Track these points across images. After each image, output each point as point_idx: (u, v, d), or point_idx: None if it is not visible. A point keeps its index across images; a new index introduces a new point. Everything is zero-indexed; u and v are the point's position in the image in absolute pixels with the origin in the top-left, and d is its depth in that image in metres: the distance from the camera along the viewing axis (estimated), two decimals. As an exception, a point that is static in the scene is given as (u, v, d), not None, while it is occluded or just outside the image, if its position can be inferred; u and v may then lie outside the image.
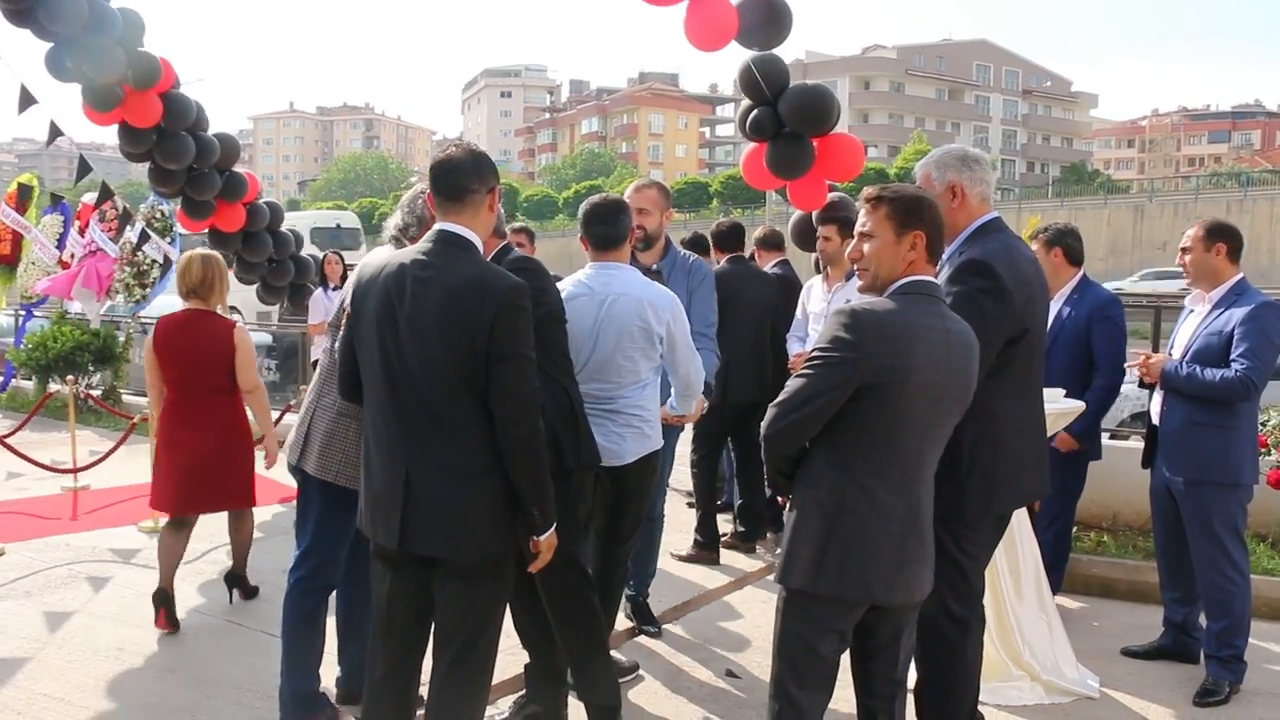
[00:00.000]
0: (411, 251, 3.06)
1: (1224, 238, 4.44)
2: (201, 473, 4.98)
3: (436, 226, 3.08)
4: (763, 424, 2.89)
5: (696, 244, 7.13)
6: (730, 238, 6.59)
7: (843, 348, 2.74)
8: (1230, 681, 4.33)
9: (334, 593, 3.99)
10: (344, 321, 3.27)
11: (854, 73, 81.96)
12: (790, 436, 2.85)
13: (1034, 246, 4.98)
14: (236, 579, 5.51)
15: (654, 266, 4.63)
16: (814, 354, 2.82)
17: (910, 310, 2.83)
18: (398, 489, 2.96)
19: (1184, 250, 4.53)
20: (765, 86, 6.36)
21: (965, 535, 3.39)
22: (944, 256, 3.48)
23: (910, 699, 3.29)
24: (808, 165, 6.49)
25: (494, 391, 2.90)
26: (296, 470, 3.83)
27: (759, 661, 4.77)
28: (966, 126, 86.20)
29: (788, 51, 6.67)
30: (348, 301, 3.25)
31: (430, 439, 2.93)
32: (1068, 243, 5.20)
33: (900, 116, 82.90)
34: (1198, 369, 4.31)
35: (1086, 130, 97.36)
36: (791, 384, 2.85)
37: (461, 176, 3.07)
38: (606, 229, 4.11)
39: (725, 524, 6.70)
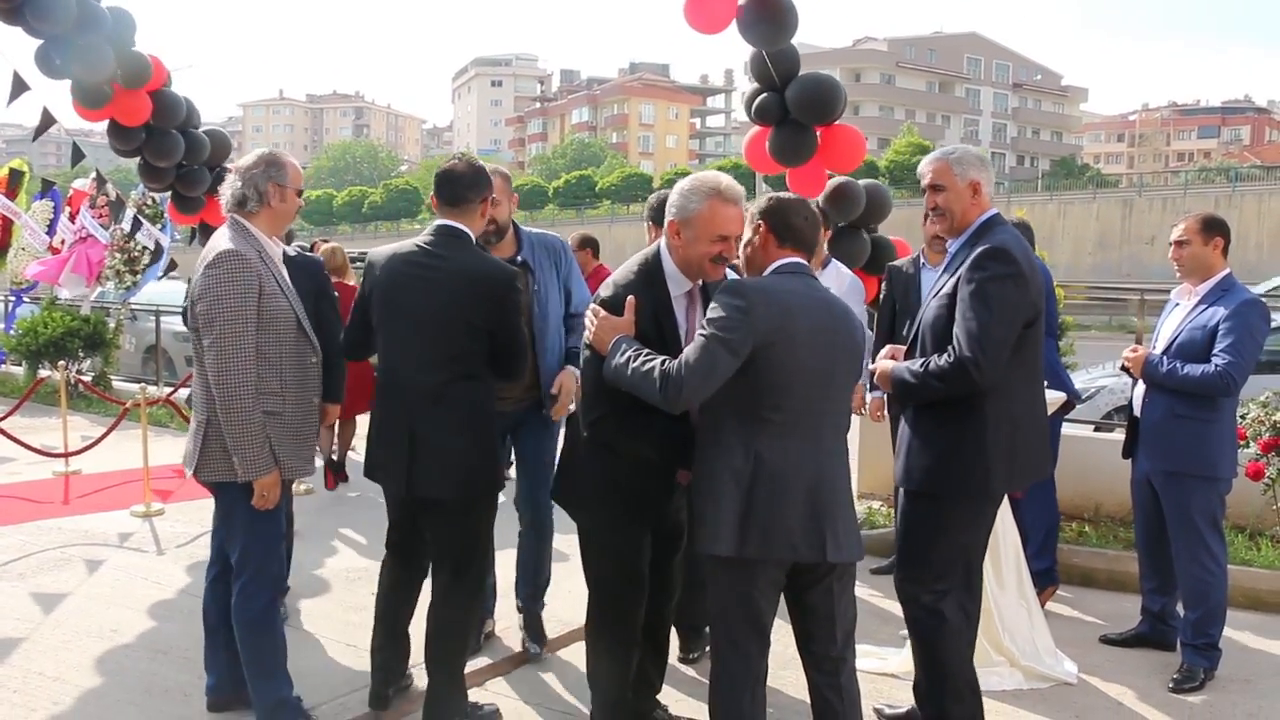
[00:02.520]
0: (416, 242, 3.79)
1: (1220, 231, 4.52)
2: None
3: (438, 221, 3.79)
4: (661, 387, 2.95)
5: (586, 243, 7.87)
6: None
7: (736, 313, 2.92)
8: (1205, 668, 4.43)
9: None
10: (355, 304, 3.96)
11: (844, 65, 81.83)
12: (690, 399, 2.96)
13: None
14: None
15: (518, 259, 4.39)
16: (707, 326, 2.97)
17: (788, 281, 3.09)
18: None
19: (1180, 244, 4.57)
20: (775, 73, 6.41)
21: (974, 512, 3.56)
22: (952, 249, 3.63)
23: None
24: (810, 154, 6.55)
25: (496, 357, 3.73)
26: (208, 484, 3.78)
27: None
28: (957, 119, 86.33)
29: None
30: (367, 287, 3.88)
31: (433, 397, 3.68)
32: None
33: (891, 109, 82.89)
34: (1179, 364, 4.39)
35: (1076, 124, 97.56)
36: (691, 352, 2.96)
37: (462, 188, 3.77)
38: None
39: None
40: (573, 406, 4.19)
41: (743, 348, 2.92)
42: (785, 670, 4.59)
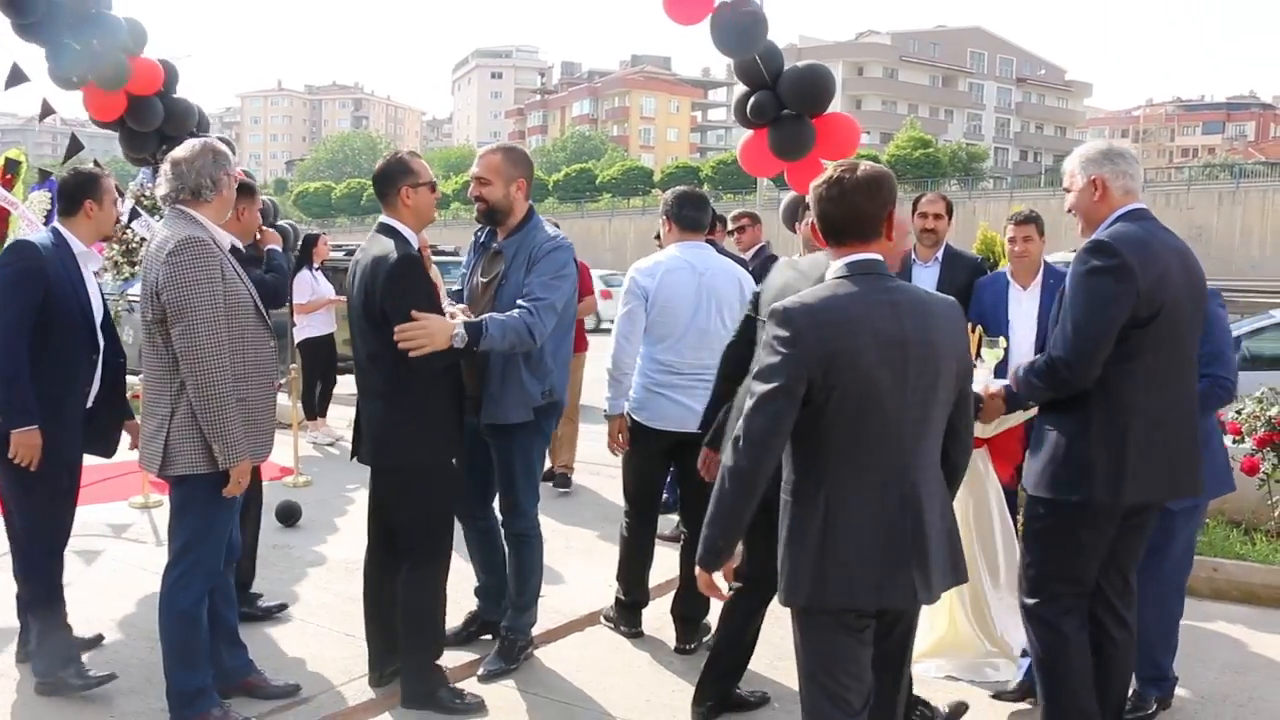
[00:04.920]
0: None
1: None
2: None
3: (379, 218, 4.07)
4: (725, 458, 2.74)
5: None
6: None
7: (781, 346, 2.64)
8: (1156, 697, 4.12)
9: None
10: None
11: (847, 58, 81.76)
12: (766, 469, 2.68)
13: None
14: None
15: (494, 246, 4.34)
16: (754, 369, 2.77)
17: (843, 293, 2.71)
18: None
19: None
20: (765, 70, 6.45)
21: (1081, 525, 3.35)
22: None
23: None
24: (810, 144, 6.58)
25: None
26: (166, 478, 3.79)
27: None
28: (960, 114, 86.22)
29: (781, 37, 6.80)
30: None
31: (369, 375, 4.01)
32: None
33: (894, 103, 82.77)
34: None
35: (1080, 119, 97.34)
36: (747, 411, 2.69)
37: (380, 184, 4.03)
38: (697, 213, 4.74)
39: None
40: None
41: (798, 385, 2.62)
42: (782, 661, 4.62)
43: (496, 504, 4.61)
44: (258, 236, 5.23)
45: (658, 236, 5.20)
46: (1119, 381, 3.25)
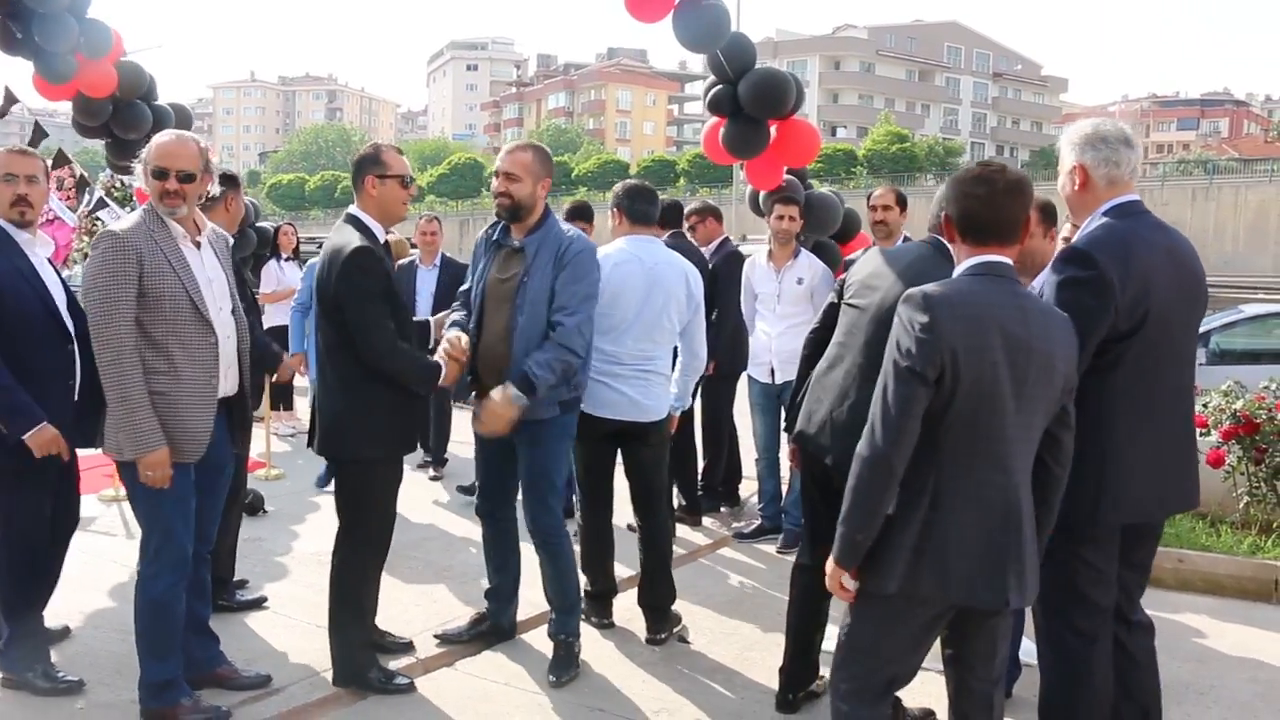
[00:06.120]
0: None
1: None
2: None
3: (347, 209, 4.11)
4: (860, 448, 2.70)
5: (579, 213, 6.72)
6: (668, 215, 6.49)
7: (923, 332, 2.61)
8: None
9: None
10: None
11: (824, 52, 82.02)
12: (903, 454, 2.65)
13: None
14: None
15: (516, 243, 4.26)
16: (891, 355, 2.69)
17: (977, 289, 2.71)
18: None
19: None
20: (729, 68, 6.46)
21: (1081, 544, 3.18)
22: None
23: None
24: (761, 147, 6.66)
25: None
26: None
27: (709, 628, 4.96)
28: (936, 109, 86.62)
29: (758, 31, 6.88)
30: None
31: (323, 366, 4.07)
32: None
33: (870, 97, 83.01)
34: None
35: (1056, 115, 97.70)
36: (880, 394, 2.68)
37: (353, 172, 4.10)
38: (649, 207, 4.78)
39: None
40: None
41: (932, 371, 2.60)
42: (752, 651, 4.67)
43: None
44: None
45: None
46: (1099, 396, 3.07)
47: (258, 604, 5.12)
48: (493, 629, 4.71)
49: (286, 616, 4.99)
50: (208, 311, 3.75)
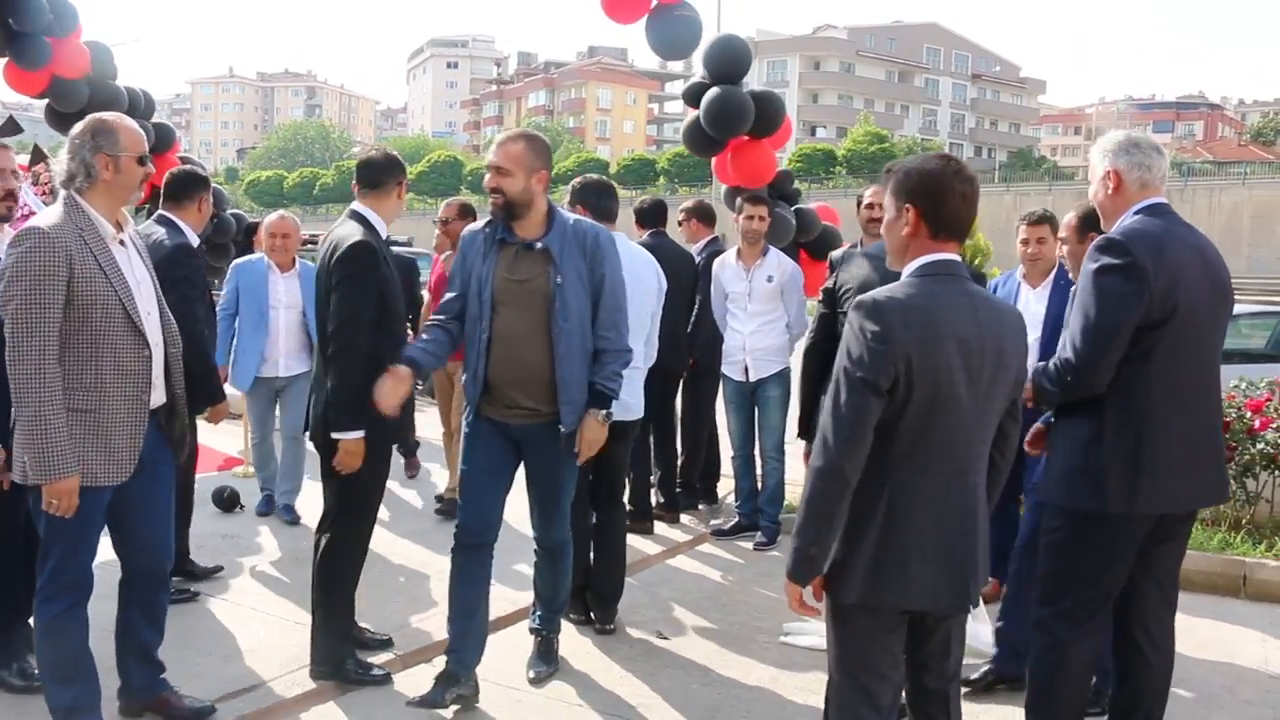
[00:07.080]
0: None
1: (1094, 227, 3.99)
2: None
3: (350, 206, 4.18)
4: (813, 459, 2.66)
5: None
6: (652, 214, 6.51)
7: (874, 342, 2.56)
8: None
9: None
10: None
11: (804, 52, 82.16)
12: (856, 464, 2.59)
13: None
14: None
15: (537, 245, 3.91)
16: (842, 363, 2.64)
17: (930, 291, 2.65)
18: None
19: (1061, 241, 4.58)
20: (718, 75, 6.91)
21: (1101, 534, 3.18)
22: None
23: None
24: (718, 151, 7.14)
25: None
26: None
27: (687, 624, 5.00)
28: (916, 109, 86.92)
29: (738, 31, 7.22)
30: None
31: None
32: None
33: (850, 98, 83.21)
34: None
35: (1034, 116, 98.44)
36: (830, 406, 2.62)
37: (378, 172, 4.16)
38: (612, 202, 4.79)
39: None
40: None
41: (884, 380, 2.55)
42: (729, 647, 4.70)
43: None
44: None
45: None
46: (1133, 385, 3.10)
47: (215, 571, 5.37)
48: (463, 697, 4.04)
49: (264, 613, 4.98)
50: (141, 320, 3.41)
